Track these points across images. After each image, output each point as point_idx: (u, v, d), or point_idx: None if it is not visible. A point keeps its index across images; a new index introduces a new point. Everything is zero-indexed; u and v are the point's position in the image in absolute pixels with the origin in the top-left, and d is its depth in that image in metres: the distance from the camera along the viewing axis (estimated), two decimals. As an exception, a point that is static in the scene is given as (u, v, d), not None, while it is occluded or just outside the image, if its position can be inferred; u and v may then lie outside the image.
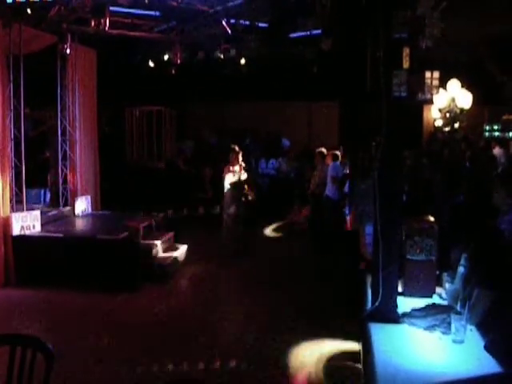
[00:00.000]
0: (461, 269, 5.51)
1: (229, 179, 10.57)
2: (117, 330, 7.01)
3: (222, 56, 11.98)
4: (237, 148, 10.80)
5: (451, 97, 12.14)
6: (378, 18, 4.62)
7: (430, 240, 5.32)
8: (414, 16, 4.71)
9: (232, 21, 10.77)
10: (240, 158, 10.69)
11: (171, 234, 10.49)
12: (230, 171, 10.60)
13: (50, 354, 3.21)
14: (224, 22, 10.66)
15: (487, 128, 15.43)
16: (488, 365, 4.51)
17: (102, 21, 9.47)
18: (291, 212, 13.23)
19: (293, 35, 11.99)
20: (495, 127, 15.30)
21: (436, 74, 4.70)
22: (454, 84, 12.02)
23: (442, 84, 11.53)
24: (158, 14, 10.98)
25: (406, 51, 4.59)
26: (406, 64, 4.58)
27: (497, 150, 12.33)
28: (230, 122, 17.10)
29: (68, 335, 6.67)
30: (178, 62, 12.09)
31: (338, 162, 11.04)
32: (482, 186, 7.91)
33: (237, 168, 10.63)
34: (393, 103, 4.55)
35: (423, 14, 4.82)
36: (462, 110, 12.39)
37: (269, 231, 11.96)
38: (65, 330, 6.86)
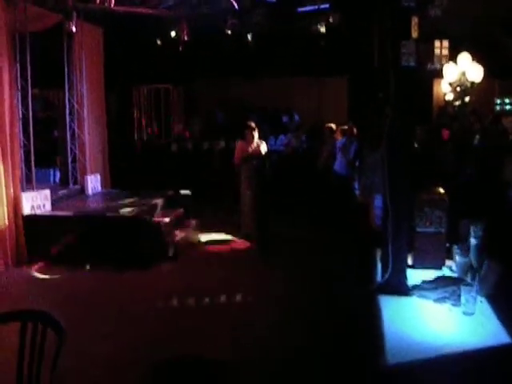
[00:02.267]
0: (473, 240, 5.48)
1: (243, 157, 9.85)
2: (128, 307, 7.03)
3: (229, 32, 11.87)
4: (253, 124, 10.10)
5: (462, 70, 11.98)
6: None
7: (440, 212, 5.29)
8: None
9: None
10: (256, 135, 9.99)
11: (182, 211, 10.48)
12: (243, 149, 9.91)
13: (61, 330, 3.22)
14: (230, -3, 10.54)
15: (498, 101, 15.26)
16: (498, 336, 4.51)
17: (108, -3, 9.38)
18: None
19: (301, 9, 11.85)
20: (506, 100, 15.13)
21: (445, 43, 4.62)
22: (464, 57, 11.84)
23: (453, 58, 11.38)
24: (164, -11, 10.89)
25: (415, 20, 4.52)
26: (414, 33, 4.51)
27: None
28: (238, 98, 16.98)
29: (79, 312, 6.68)
30: (185, 38, 11.99)
31: (345, 138, 10.97)
32: (493, 159, 7.85)
33: (252, 146, 9.92)
34: (401, 73, 4.51)
35: (432, -17, 4.75)
36: (472, 83, 12.23)
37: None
38: (76, 308, 6.87)
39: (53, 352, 3.14)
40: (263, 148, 9.98)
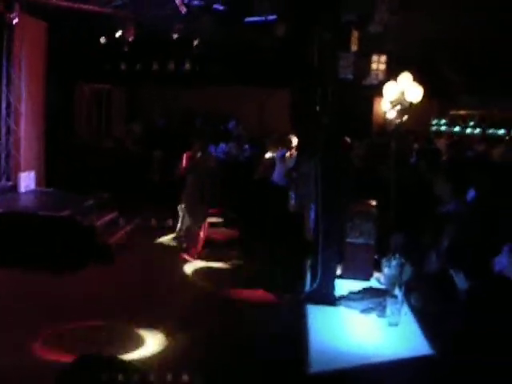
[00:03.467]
0: (394, 261, 5.57)
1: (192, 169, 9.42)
2: (56, 310, 6.85)
3: (175, 36, 11.82)
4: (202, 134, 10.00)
5: (401, 90, 12.24)
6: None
7: (370, 224, 5.38)
8: (363, -1, 4.74)
9: (186, 0, 10.62)
10: (204, 146, 9.69)
11: (116, 214, 10.32)
12: (190, 160, 9.45)
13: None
14: (178, 1, 10.49)
15: (434, 122, 15.75)
16: (421, 347, 4.61)
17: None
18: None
19: (248, 20, 11.91)
20: (442, 121, 15.63)
21: (383, 58, 4.71)
22: (405, 77, 12.10)
23: (394, 77, 11.64)
24: (112, -12, 10.76)
25: (355, 34, 4.61)
26: (354, 47, 4.60)
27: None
28: (181, 104, 16.90)
29: (4, 314, 6.48)
30: (130, 39, 11.87)
31: (285, 150, 11.03)
32: (426, 176, 8.08)
33: (199, 157, 9.52)
34: (338, 85, 4.58)
35: (373, -1, 4.84)
36: (411, 103, 12.51)
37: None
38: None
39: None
40: (211, 160, 9.78)
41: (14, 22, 10.09)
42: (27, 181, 10.94)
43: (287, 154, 10.78)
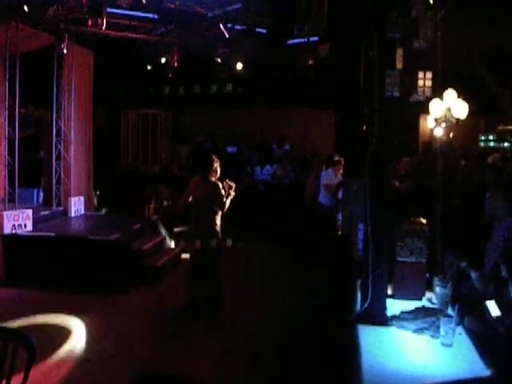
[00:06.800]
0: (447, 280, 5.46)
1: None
2: (105, 331, 6.94)
3: (219, 60, 11.98)
4: (215, 158, 7.52)
5: (447, 107, 12.09)
6: (372, 17, 4.61)
7: (421, 242, 5.30)
8: (408, 17, 4.71)
9: (229, 25, 10.79)
10: (218, 171, 7.49)
11: (163, 237, 10.43)
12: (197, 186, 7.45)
13: (32, 348, 3.15)
14: (222, 26, 10.66)
15: (482, 138, 15.47)
16: (476, 368, 4.49)
17: (99, 21, 9.47)
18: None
19: (290, 42, 12.00)
20: (490, 137, 15.34)
21: (429, 75, 4.67)
22: (450, 94, 11.97)
23: (439, 94, 11.53)
24: (156, 16, 10.99)
25: (400, 52, 4.60)
26: (399, 64, 4.58)
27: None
28: (226, 126, 17.07)
29: (55, 334, 6.61)
30: (175, 65, 12.09)
31: (330, 170, 10.99)
32: (477, 194, 7.93)
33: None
34: (385, 103, 4.56)
35: (417, 16, 4.81)
36: (458, 120, 12.34)
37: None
38: (52, 329, 6.79)
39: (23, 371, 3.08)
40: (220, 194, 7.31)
41: (64, 52, 10.44)
42: (77, 205, 11.19)
43: (333, 175, 10.75)
